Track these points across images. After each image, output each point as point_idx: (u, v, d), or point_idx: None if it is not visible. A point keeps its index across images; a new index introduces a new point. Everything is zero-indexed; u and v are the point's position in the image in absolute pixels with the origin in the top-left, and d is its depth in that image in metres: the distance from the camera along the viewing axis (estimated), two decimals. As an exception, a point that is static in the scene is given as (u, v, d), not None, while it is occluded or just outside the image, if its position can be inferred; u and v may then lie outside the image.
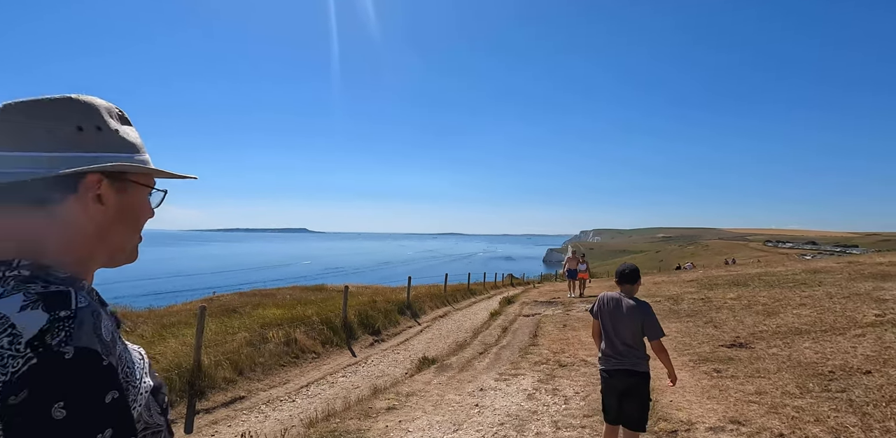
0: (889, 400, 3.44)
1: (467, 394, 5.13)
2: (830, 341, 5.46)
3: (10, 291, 0.49)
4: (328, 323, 8.86)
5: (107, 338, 0.51)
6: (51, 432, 0.42)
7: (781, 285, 10.53)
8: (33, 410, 0.43)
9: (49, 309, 0.48)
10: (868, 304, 7.01)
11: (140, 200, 0.66)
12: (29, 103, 0.57)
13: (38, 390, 0.43)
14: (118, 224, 0.62)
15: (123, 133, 0.64)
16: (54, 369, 0.45)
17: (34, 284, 0.51)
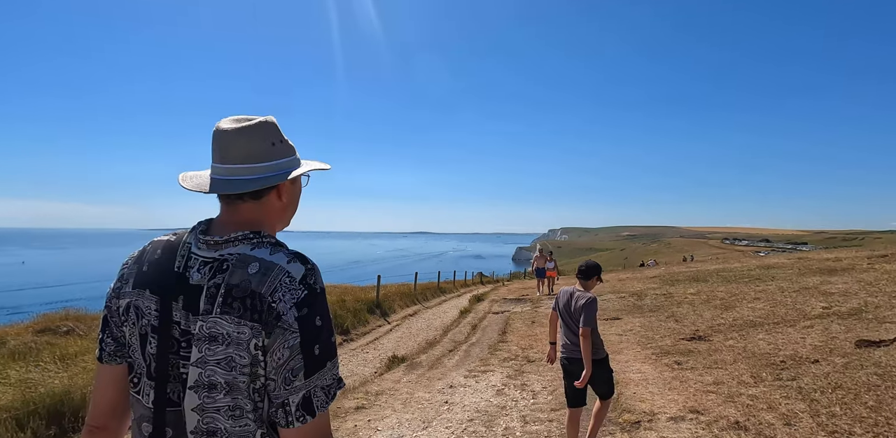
0: (835, 387, 3.65)
1: (437, 392, 5.14)
2: (782, 332, 5.74)
3: (273, 251, 0.84)
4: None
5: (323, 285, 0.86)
6: (317, 330, 0.78)
7: (738, 280, 11.00)
8: (309, 319, 0.78)
9: (303, 262, 0.83)
10: (816, 297, 7.42)
11: (299, 187, 1.00)
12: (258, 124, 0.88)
13: (310, 308, 0.78)
14: (290, 206, 0.97)
15: (290, 142, 0.95)
16: (316, 297, 0.80)
17: (280, 246, 0.86)
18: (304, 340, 0.77)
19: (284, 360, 0.76)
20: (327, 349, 0.80)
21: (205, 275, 0.81)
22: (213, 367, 0.76)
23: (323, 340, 0.79)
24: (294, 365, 0.76)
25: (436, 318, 12.34)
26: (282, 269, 0.80)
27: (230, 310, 0.77)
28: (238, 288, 0.78)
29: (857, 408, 3.20)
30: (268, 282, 0.78)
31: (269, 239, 0.86)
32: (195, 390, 0.78)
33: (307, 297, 0.79)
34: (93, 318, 10.32)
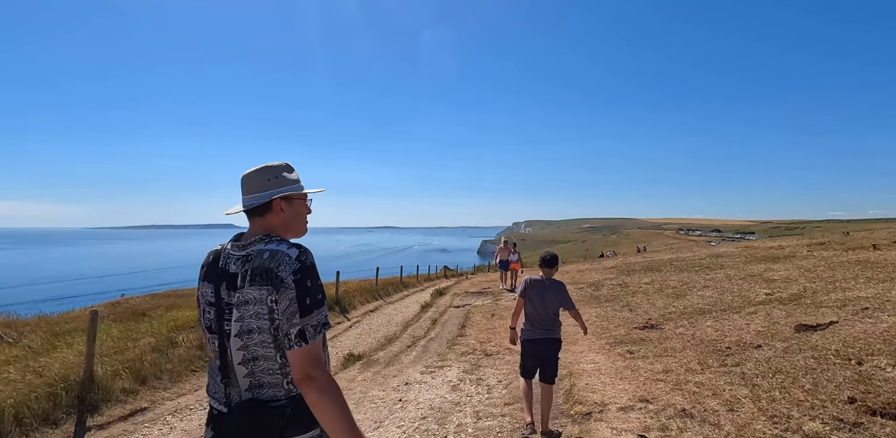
0: (775, 371, 3.75)
1: (392, 389, 5.01)
2: (728, 319, 5.92)
3: (278, 243, 1.27)
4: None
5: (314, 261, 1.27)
6: (307, 288, 1.19)
7: (689, 269, 11.38)
8: (302, 281, 1.19)
9: (298, 248, 1.26)
10: (760, 284, 7.72)
11: (297, 207, 1.41)
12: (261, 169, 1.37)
13: (302, 274, 1.19)
14: (292, 220, 1.39)
15: (289, 177, 1.40)
16: (306, 268, 1.21)
17: (283, 241, 1.29)
18: (299, 294, 1.20)
19: (286, 307, 1.19)
20: (315, 301, 1.22)
21: (238, 267, 1.28)
22: (248, 319, 1.22)
23: (311, 295, 1.21)
24: (293, 310, 1.19)
25: (397, 313, 12.19)
26: (284, 252, 1.25)
27: (253, 282, 1.22)
28: (258, 268, 1.23)
29: (795, 392, 3.29)
30: (275, 261, 1.23)
31: (276, 238, 1.32)
32: (239, 336, 1.24)
33: (300, 268, 1.22)
34: (24, 324, 9.60)
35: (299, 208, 1.42)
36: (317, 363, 1.17)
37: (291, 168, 1.42)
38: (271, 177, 1.36)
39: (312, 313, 1.19)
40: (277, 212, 1.35)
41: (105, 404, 5.13)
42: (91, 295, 39.21)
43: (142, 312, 11.00)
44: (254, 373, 1.24)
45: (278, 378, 1.23)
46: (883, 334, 4.22)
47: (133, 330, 7.85)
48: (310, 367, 1.15)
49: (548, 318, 3.39)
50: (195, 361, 6.71)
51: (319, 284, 1.24)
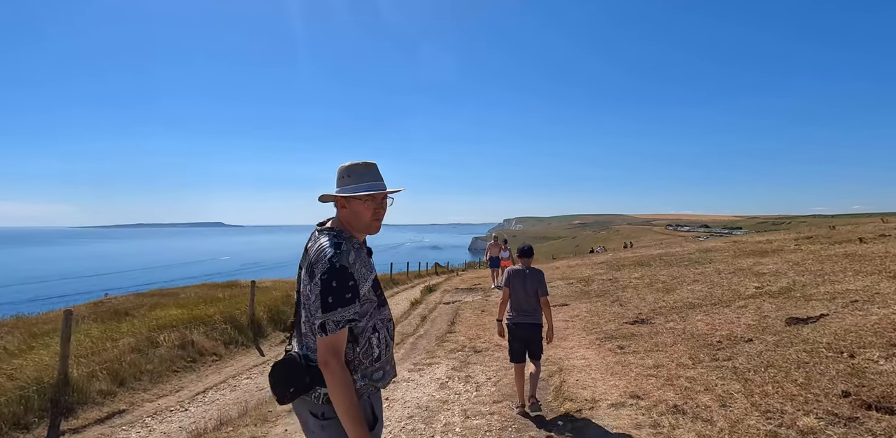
0: (767, 365, 3.69)
1: (378, 388, 4.89)
2: (719, 313, 5.87)
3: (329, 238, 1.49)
4: (233, 322, 8.17)
5: (352, 261, 1.44)
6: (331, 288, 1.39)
7: (679, 264, 11.38)
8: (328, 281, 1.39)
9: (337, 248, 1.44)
10: (749, 278, 7.71)
11: (356, 206, 1.54)
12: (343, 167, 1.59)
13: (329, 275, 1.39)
14: (353, 217, 1.55)
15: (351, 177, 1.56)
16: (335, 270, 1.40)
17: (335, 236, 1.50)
18: (322, 292, 1.39)
19: (314, 300, 1.41)
20: (338, 300, 1.38)
21: (309, 246, 1.55)
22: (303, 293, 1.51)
23: (334, 295, 1.38)
24: (317, 304, 1.39)
25: (387, 311, 12.07)
26: (325, 250, 1.44)
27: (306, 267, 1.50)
28: (310, 258, 1.48)
29: (788, 386, 3.22)
30: (317, 256, 1.44)
31: (334, 231, 1.54)
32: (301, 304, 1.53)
33: (328, 269, 1.39)
34: (0, 325, 9.31)
35: (356, 207, 1.54)
36: (333, 352, 1.39)
37: (360, 170, 1.57)
38: (343, 176, 1.57)
39: (335, 310, 1.39)
40: (341, 209, 1.58)
41: (80, 407, 4.95)
42: (74, 295, 38.52)
43: (124, 312, 10.76)
44: (304, 337, 1.54)
45: (312, 346, 1.48)
46: (874, 326, 4.19)
47: (114, 330, 7.64)
48: (327, 355, 1.39)
49: (529, 304, 3.70)
50: (177, 361, 6.53)
51: (349, 284, 1.42)
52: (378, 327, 1.54)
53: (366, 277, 1.50)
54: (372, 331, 1.51)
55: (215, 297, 11.63)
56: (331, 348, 1.38)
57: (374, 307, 1.53)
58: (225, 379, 6.37)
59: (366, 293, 1.49)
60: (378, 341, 1.53)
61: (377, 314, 1.55)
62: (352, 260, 1.44)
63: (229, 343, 7.64)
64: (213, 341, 7.43)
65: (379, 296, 1.58)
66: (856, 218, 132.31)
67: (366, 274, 1.51)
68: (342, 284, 1.39)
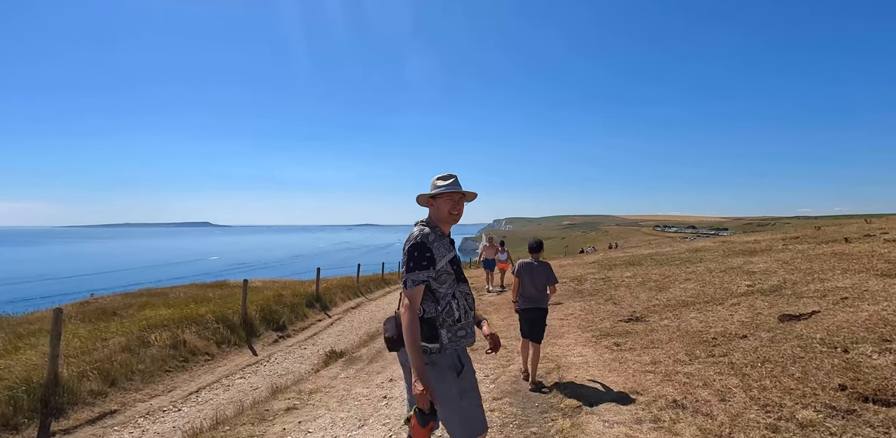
0: (763, 361, 3.74)
1: (376, 386, 4.86)
2: (712, 311, 5.94)
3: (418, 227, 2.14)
4: (225, 321, 8.08)
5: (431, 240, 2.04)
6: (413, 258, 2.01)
7: (670, 263, 11.49)
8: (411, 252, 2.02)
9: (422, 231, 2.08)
10: (741, 276, 7.81)
11: (439, 203, 2.13)
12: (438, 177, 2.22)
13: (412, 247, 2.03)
14: (436, 211, 2.15)
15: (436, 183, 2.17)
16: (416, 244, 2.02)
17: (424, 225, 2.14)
18: (407, 259, 1.99)
19: (403, 264, 2.01)
20: (416, 264, 1.96)
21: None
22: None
23: (414, 261, 1.97)
24: (404, 268, 2.00)
25: (379, 310, 12.02)
26: (413, 232, 2.06)
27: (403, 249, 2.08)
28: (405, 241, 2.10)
29: (785, 381, 3.27)
30: (409, 236, 2.05)
31: (422, 222, 2.13)
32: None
33: (412, 244, 2.00)
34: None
35: (438, 204, 2.12)
36: (407, 305, 1.92)
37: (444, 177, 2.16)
38: (433, 183, 2.17)
39: (413, 272, 1.96)
40: (430, 206, 2.16)
41: (71, 407, 4.86)
42: (59, 295, 37.80)
43: (112, 311, 10.56)
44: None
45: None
46: (865, 322, 4.26)
47: (103, 329, 7.52)
48: (404, 306, 1.93)
49: (536, 293, 4.29)
50: (169, 361, 6.44)
51: (426, 255, 1.97)
52: (457, 296, 2.07)
53: (443, 255, 2.04)
54: (452, 297, 2.05)
55: (205, 297, 11.48)
56: (409, 298, 1.94)
57: (452, 279, 2.06)
58: (218, 379, 6.29)
59: (444, 266, 2.03)
60: (457, 306, 2.05)
61: (456, 286, 2.08)
62: (430, 240, 2.02)
63: (221, 342, 7.55)
64: (206, 340, 7.34)
65: (457, 272, 2.10)
66: (839, 219, 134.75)
67: (444, 253, 2.05)
68: (420, 254, 1.96)
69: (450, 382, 1.95)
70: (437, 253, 2.00)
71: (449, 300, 2.02)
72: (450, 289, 2.03)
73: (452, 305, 2.01)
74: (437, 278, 2.00)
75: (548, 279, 4.30)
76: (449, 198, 2.11)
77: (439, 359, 1.97)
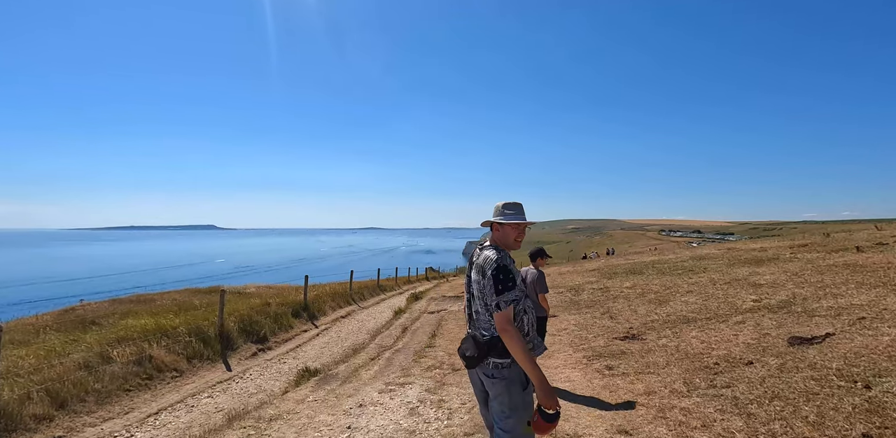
0: (772, 397, 3.26)
1: (343, 413, 4.42)
2: (715, 329, 5.46)
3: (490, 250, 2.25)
4: (199, 334, 7.66)
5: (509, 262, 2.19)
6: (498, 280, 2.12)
7: (672, 272, 10.99)
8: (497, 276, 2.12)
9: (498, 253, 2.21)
10: (746, 289, 7.31)
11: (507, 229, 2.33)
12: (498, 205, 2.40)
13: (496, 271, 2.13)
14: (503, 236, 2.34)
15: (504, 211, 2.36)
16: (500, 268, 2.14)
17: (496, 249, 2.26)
18: (494, 283, 2.10)
19: (489, 289, 2.12)
20: (504, 287, 2.09)
21: (476, 258, 2.29)
22: (474, 290, 2.24)
23: (502, 283, 2.09)
24: (491, 291, 2.10)
25: (370, 320, 11.57)
26: (490, 257, 2.17)
27: (476, 271, 2.23)
28: (478, 263, 2.23)
29: (798, 425, 2.79)
30: (486, 262, 2.17)
31: (493, 246, 2.28)
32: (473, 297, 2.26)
33: (496, 268, 2.12)
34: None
35: (506, 230, 2.30)
36: (508, 322, 2.04)
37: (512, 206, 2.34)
38: (502, 209, 2.33)
39: (504, 294, 2.07)
40: (495, 231, 2.34)
41: (9, 434, 4.44)
42: (50, 300, 37.49)
43: (91, 321, 10.18)
44: (477, 321, 2.22)
45: (486, 325, 2.16)
46: (887, 349, 3.78)
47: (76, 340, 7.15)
48: (505, 324, 2.03)
49: (532, 301, 4.46)
50: (131, 378, 6.02)
51: (511, 277, 2.10)
52: (527, 310, 2.21)
53: (516, 274, 2.18)
54: (523, 313, 2.18)
55: (191, 304, 11.09)
56: (506, 319, 2.05)
57: (523, 295, 2.19)
58: (183, 398, 5.86)
59: (519, 284, 2.17)
60: (527, 321, 2.20)
61: (525, 302, 2.21)
62: (508, 262, 2.18)
63: (193, 357, 7.13)
64: (175, 355, 6.92)
65: (523, 289, 2.22)
66: (846, 224, 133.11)
67: (516, 273, 2.19)
68: (506, 276, 2.10)
69: (518, 395, 2.13)
70: (515, 273, 2.18)
71: (521, 315, 2.17)
72: (520, 305, 2.18)
73: (524, 320, 2.17)
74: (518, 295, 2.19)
75: (538, 287, 4.61)
76: (516, 227, 2.31)
77: (509, 374, 2.12)
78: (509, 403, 2.10)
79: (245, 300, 12.07)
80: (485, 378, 2.19)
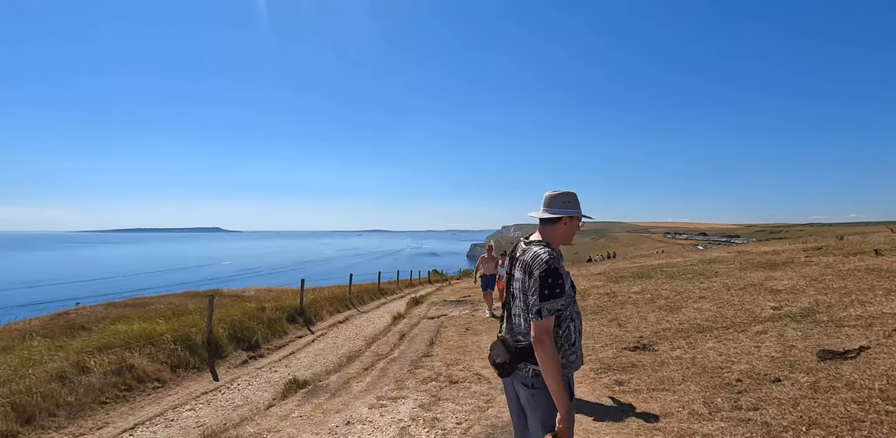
0: (809, 423, 2.85)
1: (327, 432, 4.04)
2: (733, 340, 5.04)
3: (541, 248, 1.95)
4: (186, 341, 7.31)
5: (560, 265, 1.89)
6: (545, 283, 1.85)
7: (681, 276, 10.54)
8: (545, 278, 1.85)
9: (550, 254, 1.90)
10: (764, 296, 6.87)
11: (572, 224, 2.05)
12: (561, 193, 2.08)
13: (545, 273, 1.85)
14: (566, 231, 2.05)
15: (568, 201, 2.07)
16: (551, 270, 1.86)
17: (546, 246, 1.97)
18: (541, 286, 1.86)
19: (533, 292, 1.88)
20: (551, 293, 1.84)
21: (520, 255, 2.03)
22: (515, 289, 2.02)
23: (549, 288, 1.85)
24: (536, 296, 1.86)
25: (368, 325, 11.19)
26: (541, 256, 1.90)
27: (521, 269, 1.98)
28: (525, 261, 1.96)
29: (846, 462, 2.38)
30: (535, 260, 1.91)
31: (544, 243, 2.01)
32: (513, 297, 2.04)
33: (546, 269, 1.86)
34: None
35: (571, 225, 2.07)
36: (546, 332, 1.84)
37: (572, 197, 2.10)
38: (563, 200, 2.08)
39: (549, 300, 1.85)
40: (561, 226, 2.05)
41: (-35, 454, 4.09)
42: (53, 302, 37.35)
43: (80, 325, 9.87)
44: (514, 324, 2.04)
45: (524, 331, 1.96)
46: (934, 366, 3.36)
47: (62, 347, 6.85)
48: (542, 334, 1.83)
49: None
50: (108, 390, 5.66)
51: (559, 282, 1.87)
52: (574, 317, 1.98)
53: (566, 278, 1.93)
54: (570, 320, 1.95)
55: (185, 309, 10.76)
56: (544, 329, 1.84)
57: (572, 301, 1.98)
58: (163, 411, 5.50)
59: (568, 290, 1.94)
60: (574, 328, 1.97)
61: (574, 307, 1.99)
62: (560, 264, 1.91)
63: (178, 366, 6.77)
64: (159, 364, 6.57)
65: (571, 295, 1.99)
66: (854, 226, 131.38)
67: (565, 276, 1.93)
68: (554, 282, 1.86)
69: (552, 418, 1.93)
70: (564, 278, 1.93)
71: (568, 323, 1.97)
72: (568, 311, 1.97)
73: (570, 328, 1.97)
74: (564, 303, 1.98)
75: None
76: (578, 221, 2.10)
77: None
78: (550, 417, 1.85)
79: (241, 304, 11.73)
80: (522, 389, 1.94)
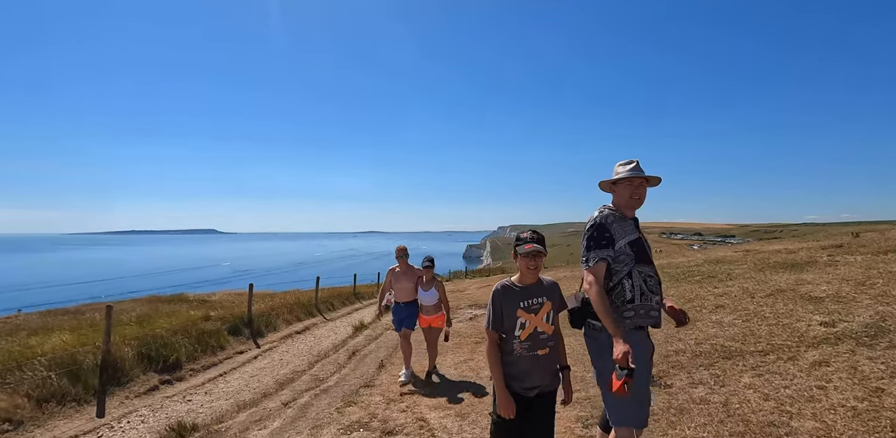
0: None
1: None
2: (780, 373, 3.55)
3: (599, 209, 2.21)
4: (70, 364, 5.77)
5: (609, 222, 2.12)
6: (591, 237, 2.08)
7: (688, 279, 9.08)
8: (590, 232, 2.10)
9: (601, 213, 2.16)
10: (802, 306, 5.39)
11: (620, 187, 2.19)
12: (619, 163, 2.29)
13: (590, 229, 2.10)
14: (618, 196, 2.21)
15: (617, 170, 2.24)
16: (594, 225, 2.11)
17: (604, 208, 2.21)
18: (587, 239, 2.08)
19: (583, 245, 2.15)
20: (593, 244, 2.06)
21: None
22: None
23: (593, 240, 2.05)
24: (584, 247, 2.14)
25: (329, 336, 9.65)
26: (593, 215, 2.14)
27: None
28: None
29: None
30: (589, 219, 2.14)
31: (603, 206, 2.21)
32: None
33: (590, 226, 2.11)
34: None
35: (619, 189, 2.19)
36: (595, 280, 1.98)
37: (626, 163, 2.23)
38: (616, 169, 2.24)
39: (594, 250, 2.03)
40: (612, 192, 2.24)
41: None
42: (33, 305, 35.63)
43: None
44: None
45: None
46: None
47: None
48: (588, 283, 2.00)
49: None
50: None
51: (605, 235, 2.05)
52: (634, 276, 2.05)
53: (623, 236, 2.08)
54: (626, 277, 2.05)
55: (119, 320, 9.22)
56: (593, 276, 2.00)
57: (631, 259, 2.06)
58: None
59: (623, 247, 2.06)
60: (631, 286, 2.05)
61: (637, 267, 2.07)
62: (610, 221, 2.08)
63: (48, 399, 5.23)
64: (20, 398, 5.03)
65: (637, 253, 2.08)
66: (849, 225, 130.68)
67: (622, 234, 2.08)
68: (600, 234, 2.05)
69: (608, 360, 1.93)
70: (617, 234, 2.07)
71: (622, 278, 2.04)
72: (625, 268, 2.05)
73: (625, 285, 2.03)
74: (615, 258, 2.05)
75: None
76: (629, 184, 2.15)
77: (601, 336, 2.03)
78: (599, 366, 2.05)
79: (186, 313, 10.19)
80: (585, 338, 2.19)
